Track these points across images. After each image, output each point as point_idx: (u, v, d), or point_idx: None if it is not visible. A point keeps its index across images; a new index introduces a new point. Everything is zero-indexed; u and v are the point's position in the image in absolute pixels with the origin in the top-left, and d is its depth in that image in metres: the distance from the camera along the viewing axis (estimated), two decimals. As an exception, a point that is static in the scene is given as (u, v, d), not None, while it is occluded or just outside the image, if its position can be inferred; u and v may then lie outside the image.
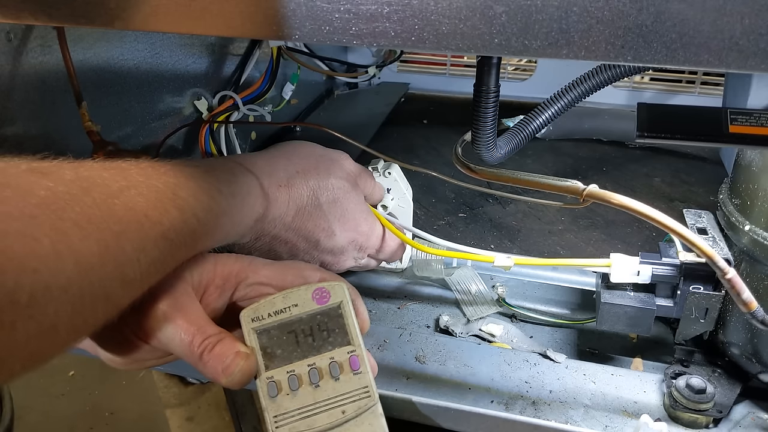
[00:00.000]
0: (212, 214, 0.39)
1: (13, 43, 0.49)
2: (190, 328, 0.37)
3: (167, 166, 0.38)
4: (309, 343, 0.40)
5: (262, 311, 0.40)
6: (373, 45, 0.31)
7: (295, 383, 0.39)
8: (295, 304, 0.40)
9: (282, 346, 0.40)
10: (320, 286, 0.40)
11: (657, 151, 0.91)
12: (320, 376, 0.39)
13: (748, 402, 0.48)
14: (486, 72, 0.43)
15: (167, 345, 0.38)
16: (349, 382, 0.39)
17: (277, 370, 0.39)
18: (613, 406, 0.47)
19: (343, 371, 0.39)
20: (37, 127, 0.53)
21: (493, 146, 0.48)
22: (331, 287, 0.40)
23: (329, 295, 0.40)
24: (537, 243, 0.70)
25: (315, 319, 0.40)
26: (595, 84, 0.50)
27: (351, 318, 0.40)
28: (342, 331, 0.40)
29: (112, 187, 0.33)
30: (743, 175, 0.45)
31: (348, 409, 0.38)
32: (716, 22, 0.26)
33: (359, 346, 0.40)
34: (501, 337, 0.55)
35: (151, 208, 0.34)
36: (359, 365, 0.39)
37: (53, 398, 1.31)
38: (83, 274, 0.29)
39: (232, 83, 0.78)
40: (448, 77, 1.13)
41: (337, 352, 0.39)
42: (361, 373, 0.39)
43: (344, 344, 0.40)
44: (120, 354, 0.39)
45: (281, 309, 0.40)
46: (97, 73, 0.58)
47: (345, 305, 0.40)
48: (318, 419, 0.38)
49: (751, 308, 0.41)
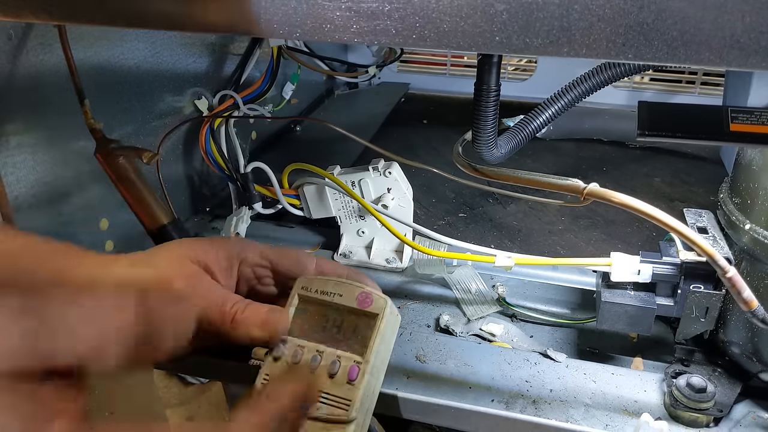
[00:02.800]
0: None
1: (14, 42, 0.49)
2: (216, 297, 0.40)
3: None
4: (332, 333, 0.41)
5: (314, 285, 0.42)
6: (373, 43, 0.31)
7: (297, 358, 0.40)
8: (339, 294, 0.42)
9: (311, 321, 0.42)
10: (368, 292, 0.42)
11: (657, 151, 0.91)
12: (320, 364, 0.40)
13: (749, 401, 0.48)
14: (487, 71, 0.43)
15: (199, 317, 0.39)
16: (339, 386, 0.39)
17: (292, 339, 0.41)
18: (614, 405, 0.47)
19: (340, 374, 0.39)
20: (37, 125, 0.53)
21: (493, 145, 0.48)
22: (377, 299, 0.41)
23: (371, 302, 0.41)
24: (537, 243, 0.70)
25: (349, 316, 0.41)
26: (595, 84, 0.50)
27: (378, 335, 0.40)
28: (363, 340, 0.40)
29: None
30: (743, 173, 0.45)
31: (322, 409, 0.38)
32: (717, 20, 0.26)
33: (368, 363, 0.40)
34: (501, 337, 0.55)
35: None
36: (356, 378, 0.39)
37: (53, 398, 1.30)
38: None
39: (233, 82, 0.78)
40: (448, 77, 1.13)
41: (346, 354, 0.40)
42: (353, 386, 0.39)
43: (356, 352, 0.40)
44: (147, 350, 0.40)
45: (328, 291, 0.42)
46: (98, 72, 0.58)
47: (379, 320, 0.41)
48: None
49: (751, 307, 0.41)
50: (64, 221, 0.57)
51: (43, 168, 0.54)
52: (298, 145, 0.94)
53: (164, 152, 0.69)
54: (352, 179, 0.62)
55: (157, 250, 0.42)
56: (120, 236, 0.63)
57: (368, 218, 0.64)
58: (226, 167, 0.69)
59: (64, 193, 0.57)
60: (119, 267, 0.40)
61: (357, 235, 0.65)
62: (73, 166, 0.57)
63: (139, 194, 0.56)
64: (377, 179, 0.62)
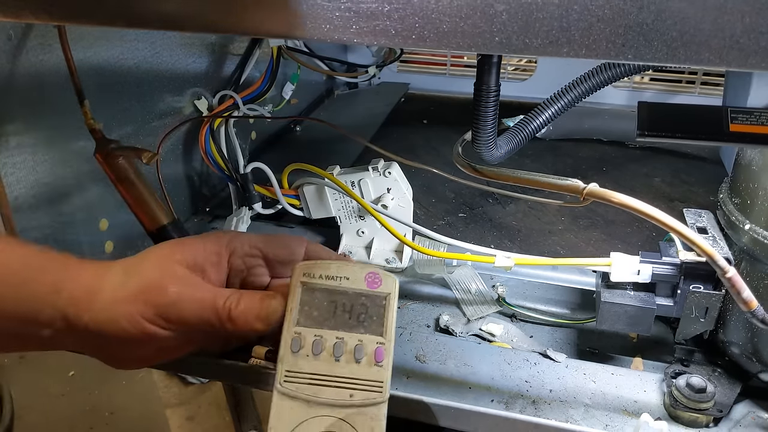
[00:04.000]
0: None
1: (14, 42, 0.49)
2: (206, 294, 0.39)
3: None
4: (344, 318, 0.40)
5: (316, 271, 0.41)
6: (373, 43, 0.31)
7: (319, 348, 0.39)
8: (346, 277, 0.40)
9: (320, 309, 0.40)
10: (375, 272, 0.41)
11: (657, 151, 0.91)
12: (344, 351, 0.39)
13: (749, 401, 0.48)
14: (486, 71, 0.43)
15: (191, 320, 0.39)
16: (368, 370, 0.38)
17: (307, 330, 0.40)
18: (614, 405, 0.47)
19: (366, 357, 0.39)
20: (37, 125, 0.53)
21: (493, 145, 0.48)
22: (385, 277, 0.41)
23: (380, 282, 0.40)
24: (537, 243, 0.70)
25: (359, 298, 0.40)
26: (595, 84, 0.50)
27: (392, 313, 0.40)
28: (379, 320, 0.40)
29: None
30: (743, 174, 0.45)
31: (356, 395, 0.38)
32: (717, 21, 0.26)
33: (390, 341, 0.39)
34: (501, 337, 0.55)
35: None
36: (383, 358, 0.39)
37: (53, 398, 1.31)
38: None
39: (232, 83, 0.78)
40: (448, 77, 1.13)
41: (367, 337, 0.39)
42: (381, 367, 0.39)
43: (376, 333, 0.39)
44: (132, 353, 0.40)
45: (333, 276, 0.41)
46: (98, 72, 0.58)
47: (391, 298, 0.40)
48: (325, 391, 0.38)
49: (751, 307, 0.41)
50: (64, 221, 0.57)
51: (43, 168, 0.54)
52: (298, 145, 0.94)
53: (164, 152, 0.69)
54: (352, 179, 0.62)
55: (147, 255, 0.42)
56: (120, 236, 0.63)
57: (368, 218, 0.64)
58: (225, 167, 0.69)
59: (64, 194, 0.57)
60: (114, 275, 0.40)
61: (357, 235, 0.65)
62: (73, 166, 0.57)
63: (138, 194, 0.56)
64: (377, 179, 0.62)
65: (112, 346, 0.40)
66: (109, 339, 0.39)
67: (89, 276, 0.40)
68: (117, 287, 0.39)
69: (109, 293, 0.39)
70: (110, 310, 0.38)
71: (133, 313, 0.38)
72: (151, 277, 0.40)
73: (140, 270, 0.40)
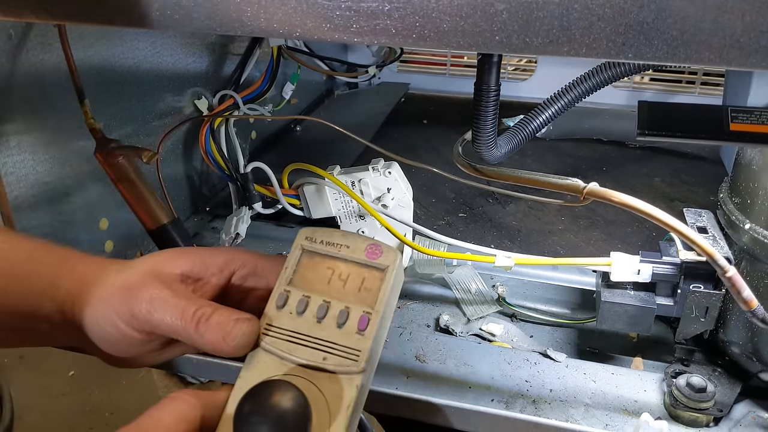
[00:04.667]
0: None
1: (14, 41, 0.49)
2: (179, 302, 0.37)
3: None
4: (338, 285, 0.39)
5: (318, 236, 0.40)
6: (373, 42, 0.31)
7: (302, 307, 0.38)
8: (347, 246, 0.39)
9: (315, 272, 0.39)
10: (377, 243, 0.39)
11: (657, 151, 0.91)
12: (327, 314, 0.38)
13: (749, 401, 0.48)
14: (487, 70, 0.43)
15: (160, 326, 0.37)
16: (348, 336, 0.37)
17: (296, 290, 0.39)
18: (614, 404, 0.47)
19: (349, 323, 0.37)
20: (37, 125, 0.53)
21: (493, 145, 0.48)
22: (387, 250, 0.39)
23: (381, 254, 0.39)
24: (537, 243, 0.70)
25: (357, 268, 0.39)
26: (595, 84, 0.50)
27: (388, 286, 0.38)
28: (372, 291, 0.38)
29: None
30: (743, 173, 0.45)
31: (330, 360, 0.36)
32: (717, 20, 0.26)
33: (378, 313, 0.38)
34: (501, 337, 0.55)
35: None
36: (366, 327, 0.37)
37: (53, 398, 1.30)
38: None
39: (233, 82, 0.78)
40: (448, 77, 1.13)
41: (355, 305, 0.38)
42: (363, 337, 0.37)
43: (366, 303, 0.38)
44: (116, 352, 0.40)
45: (334, 243, 0.40)
46: (98, 72, 0.58)
47: (389, 272, 0.39)
48: (300, 350, 0.37)
49: (751, 306, 0.41)
50: (64, 221, 0.57)
51: (43, 167, 0.54)
52: (298, 145, 0.94)
53: (164, 152, 0.69)
54: (352, 179, 0.62)
55: (144, 258, 0.41)
56: (120, 236, 0.63)
57: (368, 218, 0.64)
58: (226, 167, 0.69)
59: (64, 193, 0.57)
60: (109, 273, 0.40)
61: (357, 235, 0.65)
62: (73, 166, 0.57)
63: (138, 194, 0.56)
64: (377, 179, 0.62)
65: (101, 344, 0.40)
66: (96, 336, 0.39)
67: (87, 271, 0.40)
68: (107, 285, 0.39)
69: (99, 290, 0.39)
70: (96, 306, 0.38)
71: (110, 312, 0.38)
72: (134, 279, 0.39)
73: (129, 272, 0.39)
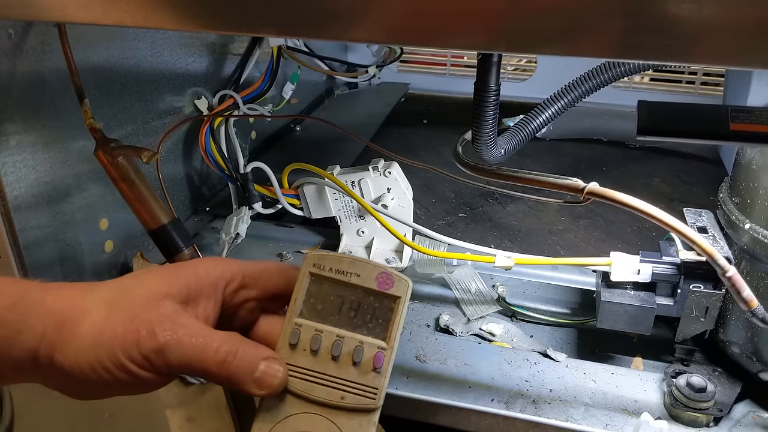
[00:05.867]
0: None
1: (14, 41, 0.49)
2: (199, 341, 0.35)
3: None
4: (349, 316, 0.38)
5: (327, 263, 0.39)
6: (374, 42, 0.31)
7: (317, 344, 0.38)
8: (357, 274, 0.38)
9: (325, 303, 0.39)
10: (388, 272, 0.39)
11: (657, 151, 0.91)
12: (342, 352, 0.37)
13: (749, 401, 0.48)
14: (487, 70, 0.43)
15: (177, 367, 0.36)
16: (364, 374, 0.37)
17: (308, 323, 0.38)
18: (614, 404, 0.47)
19: (365, 361, 0.37)
20: (37, 125, 0.53)
21: (493, 145, 0.48)
22: (398, 280, 0.39)
23: (392, 285, 0.38)
24: (537, 243, 0.70)
25: (367, 298, 0.39)
26: (595, 84, 0.50)
27: (399, 318, 0.38)
28: (384, 324, 0.38)
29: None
30: (743, 173, 0.45)
31: (348, 398, 0.37)
32: (717, 20, 0.26)
33: (392, 349, 0.38)
34: (501, 336, 0.55)
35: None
36: (382, 365, 0.37)
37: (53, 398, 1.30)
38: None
39: (233, 82, 0.78)
40: (448, 77, 1.13)
41: (368, 339, 0.38)
42: (379, 374, 0.37)
43: (379, 338, 0.38)
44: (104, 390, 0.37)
45: (343, 271, 0.39)
46: (98, 72, 0.58)
47: (401, 303, 0.38)
48: (317, 390, 0.37)
49: (751, 306, 0.41)
50: (64, 220, 0.57)
51: (43, 167, 0.54)
52: (298, 145, 0.94)
53: (164, 152, 0.69)
54: (352, 179, 0.62)
55: (134, 288, 0.38)
56: (120, 236, 0.63)
57: (368, 218, 0.64)
58: (226, 167, 0.69)
59: (64, 193, 0.57)
60: (96, 308, 0.36)
61: (357, 235, 0.65)
62: (73, 166, 0.57)
63: (138, 194, 0.56)
64: (377, 179, 0.62)
65: (85, 385, 0.36)
66: (85, 378, 0.35)
67: (66, 309, 0.36)
68: (101, 322, 0.36)
69: (89, 330, 0.35)
70: (92, 348, 0.35)
71: (117, 353, 0.35)
72: (138, 315, 0.36)
73: (127, 306, 0.36)
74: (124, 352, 0.35)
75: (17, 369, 0.36)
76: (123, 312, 0.36)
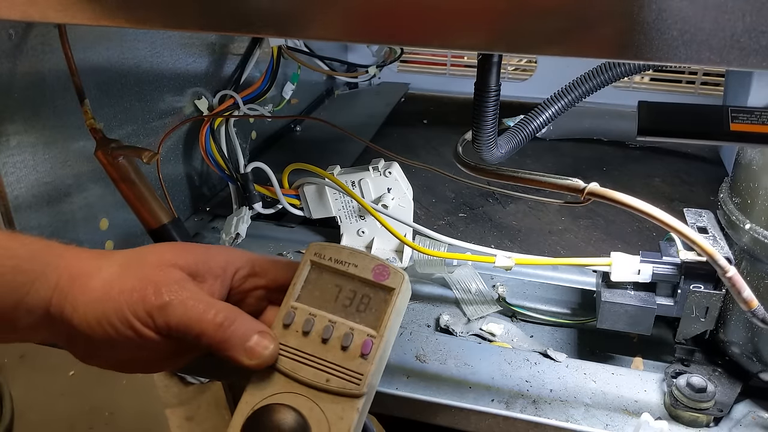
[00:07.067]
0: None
1: (14, 41, 0.49)
2: (201, 305, 0.37)
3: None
4: (344, 304, 0.40)
5: (327, 252, 0.41)
6: (373, 42, 0.31)
7: (309, 327, 0.39)
8: (355, 264, 0.40)
9: (322, 290, 0.40)
10: (385, 264, 0.40)
11: (657, 151, 0.91)
12: (333, 335, 0.39)
13: (749, 401, 0.48)
14: (487, 70, 0.43)
15: (176, 326, 0.37)
16: (352, 359, 0.38)
17: (303, 307, 0.40)
18: (614, 404, 0.47)
19: (353, 347, 0.38)
20: (37, 125, 0.53)
21: (493, 145, 0.48)
22: (394, 272, 0.40)
23: (388, 276, 0.40)
24: (537, 243, 0.70)
25: (363, 288, 0.40)
26: (595, 84, 0.50)
27: (392, 309, 0.39)
28: (377, 314, 0.39)
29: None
30: (743, 173, 0.45)
31: (333, 381, 0.38)
32: (717, 20, 0.26)
33: (381, 337, 0.39)
34: (501, 337, 0.55)
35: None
36: (369, 351, 0.38)
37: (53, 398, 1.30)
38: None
39: (233, 82, 0.78)
40: (448, 77, 1.13)
41: (359, 327, 0.39)
42: (366, 361, 0.38)
43: (369, 325, 0.39)
44: (108, 351, 0.39)
45: (342, 261, 0.40)
46: (98, 72, 0.58)
47: (395, 294, 0.39)
48: (304, 370, 0.38)
49: (751, 306, 0.41)
50: (65, 220, 0.57)
51: (44, 167, 0.54)
52: (298, 145, 0.94)
53: (164, 152, 0.69)
54: (352, 179, 0.62)
55: (147, 254, 0.40)
56: (120, 235, 0.63)
57: (368, 218, 0.64)
58: (226, 167, 0.69)
59: (65, 193, 0.57)
60: (110, 267, 0.39)
61: (357, 235, 0.65)
62: (73, 166, 0.57)
63: (139, 194, 0.56)
64: (377, 179, 0.62)
65: (91, 341, 0.38)
66: (91, 332, 0.37)
67: (82, 265, 0.39)
68: (112, 279, 0.38)
69: (100, 285, 0.38)
70: (100, 302, 0.37)
71: (124, 308, 0.37)
72: (147, 276, 0.38)
73: (138, 267, 0.39)
74: (130, 307, 0.37)
75: (31, 321, 0.38)
76: (134, 272, 0.38)
